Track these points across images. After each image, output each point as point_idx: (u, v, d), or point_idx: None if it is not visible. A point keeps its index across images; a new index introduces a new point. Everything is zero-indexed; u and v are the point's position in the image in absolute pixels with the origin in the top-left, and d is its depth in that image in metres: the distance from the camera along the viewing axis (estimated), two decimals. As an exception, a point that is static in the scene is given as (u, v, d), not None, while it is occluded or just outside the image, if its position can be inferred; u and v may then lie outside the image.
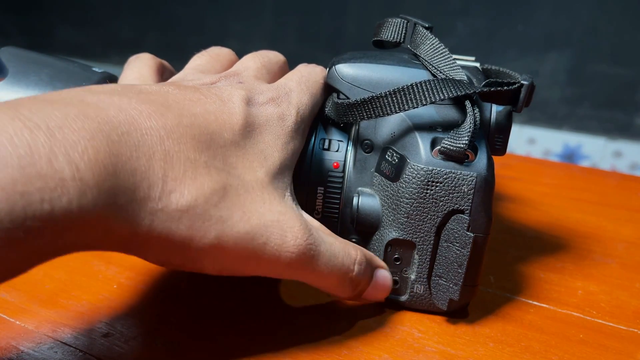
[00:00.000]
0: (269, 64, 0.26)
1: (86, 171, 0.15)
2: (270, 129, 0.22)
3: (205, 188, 0.19)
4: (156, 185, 0.17)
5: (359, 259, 0.23)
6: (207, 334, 0.23)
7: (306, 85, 0.25)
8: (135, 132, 0.17)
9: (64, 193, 0.15)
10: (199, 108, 0.20)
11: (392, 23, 0.27)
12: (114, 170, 0.16)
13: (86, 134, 0.16)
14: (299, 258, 0.21)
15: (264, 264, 0.20)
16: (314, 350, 0.22)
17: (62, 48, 1.55)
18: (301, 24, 1.27)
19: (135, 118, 0.18)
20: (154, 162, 0.17)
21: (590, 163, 1.10)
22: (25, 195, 0.14)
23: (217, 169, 0.19)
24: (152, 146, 0.18)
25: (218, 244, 0.19)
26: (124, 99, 0.18)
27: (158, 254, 0.19)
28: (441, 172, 0.23)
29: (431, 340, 0.24)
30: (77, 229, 0.16)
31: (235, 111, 0.21)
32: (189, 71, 0.25)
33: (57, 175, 0.15)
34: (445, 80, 0.22)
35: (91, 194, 0.15)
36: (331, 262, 0.22)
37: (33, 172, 0.14)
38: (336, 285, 0.23)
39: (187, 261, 0.19)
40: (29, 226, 0.14)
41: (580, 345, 0.24)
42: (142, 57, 0.27)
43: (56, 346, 0.22)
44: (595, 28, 1.02)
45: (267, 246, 0.20)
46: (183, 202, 0.18)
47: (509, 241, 0.34)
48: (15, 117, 0.15)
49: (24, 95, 0.25)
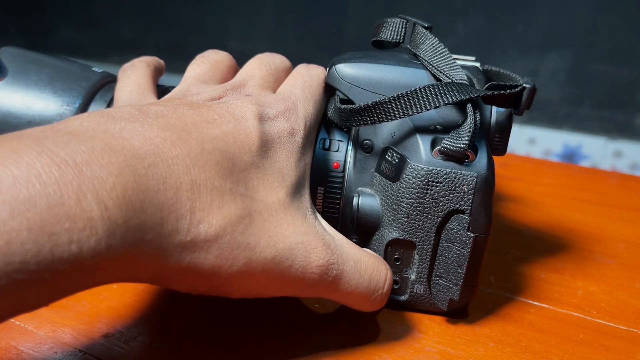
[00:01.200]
0: (275, 71, 0.26)
1: (114, 209, 0.15)
2: (282, 146, 0.22)
3: (232, 216, 0.18)
4: (184, 218, 0.17)
5: (389, 276, 0.23)
6: (207, 334, 0.23)
7: (310, 92, 0.24)
8: (161, 162, 0.17)
9: (92, 234, 0.14)
10: (217, 130, 0.20)
11: (392, 23, 0.27)
12: (142, 206, 0.16)
13: (114, 170, 0.15)
14: (322, 278, 0.21)
15: (289, 285, 0.20)
16: (314, 351, 0.22)
17: (62, 48, 1.55)
18: (301, 24, 1.27)
19: (160, 147, 0.17)
20: (181, 193, 0.17)
21: (590, 163, 1.10)
22: (53, 236, 0.14)
23: (242, 195, 0.19)
24: (179, 177, 0.17)
25: (246, 270, 0.19)
26: (145, 127, 0.18)
27: (186, 284, 0.19)
28: (441, 172, 0.23)
29: (431, 341, 0.24)
30: (105, 267, 0.15)
31: (251, 130, 0.21)
32: (191, 81, 0.25)
33: (85, 215, 0.14)
34: (448, 85, 0.22)
35: (119, 233, 0.15)
36: (355, 279, 0.21)
37: (61, 212, 0.14)
38: (364, 302, 0.22)
39: (215, 288, 0.19)
40: (56, 268, 0.14)
41: (580, 345, 0.24)
42: (137, 65, 0.27)
43: (56, 346, 0.22)
44: (595, 28, 1.02)
45: (291, 269, 0.20)
46: (211, 233, 0.18)
47: (509, 241, 0.34)
48: (42, 151, 0.14)
49: (24, 95, 0.25)
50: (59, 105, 0.25)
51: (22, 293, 0.14)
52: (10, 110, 0.25)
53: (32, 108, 0.25)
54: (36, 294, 0.14)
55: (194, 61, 0.26)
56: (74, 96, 0.26)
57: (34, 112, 0.25)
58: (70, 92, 0.26)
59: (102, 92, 0.27)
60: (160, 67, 0.28)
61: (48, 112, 0.25)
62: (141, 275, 0.17)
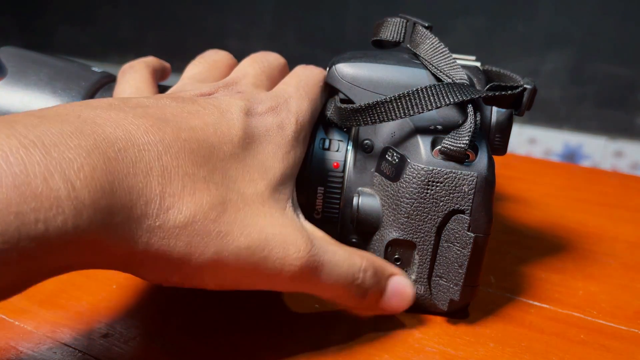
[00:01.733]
0: (268, 69, 0.25)
1: (82, 190, 0.15)
2: (270, 139, 0.21)
3: (204, 203, 0.18)
4: (153, 202, 0.17)
5: (364, 267, 0.22)
6: (207, 334, 0.23)
7: (305, 91, 0.24)
8: (132, 148, 0.17)
9: (59, 213, 0.14)
10: (197, 121, 0.20)
11: (392, 22, 0.27)
12: (111, 188, 0.16)
13: (82, 152, 0.16)
14: (302, 270, 0.20)
15: (266, 277, 0.20)
16: (314, 351, 0.22)
17: (62, 48, 1.55)
18: (301, 24, 1.27)
19: (133, 133, 0.17)
20: (151, 178, 0.17)
21: (591, 163, 1.10)
22: (19, 215, 0.14)
23: (216, 184, 0.19)
24: (150, 162, 0.17)
25: (218, 259, 0.19)
26: (120, 114, 0.18)
27: (156, 272, 0.19)
28: (441, 172, 0.23)
29: (431, 341, 0.24)
30: (72, 249, 0.15)
31: (234, 123, 0.21)
32: (187, 81, 0.25)
33: (52, 194, 0.14)
34: (450, 85, 0.22)
35: (87, 214, 0.15)
36: (335, 272, 0.21)
37: (28, 192, 0.14)
38: (343, 295, 0.22)
39: (186, 278, 0.19)
40: (23, 247, 0.14)
41: (581, 345, 0.24)
42: (136, 67, 0.26)
43: (55, 347, 0.22)
44: (596, 28, 1.02)
45: (268, 260, 0.20)
46: (181, 219, 0.18)
47: (510, 241, 0.34)
48: (11, 134, 0.15)
49: (24, 95, 0.25)
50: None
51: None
52: (9, 110, 0.25)
53: (31, 108, 0.25)
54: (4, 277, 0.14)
55: (193, 61, 0.26)
56: (73, 96, 0.26)
57: (34, 112, 0.25)
58: (69, 91, 0.26)
59: (102, 91, 0.27)
60: (162, 68, 0.28)
61: (47, 112, 0.25)
62: (111, 261, 0.17)
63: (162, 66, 0.28)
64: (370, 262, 0.23)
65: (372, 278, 0.22)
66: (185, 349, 0.22)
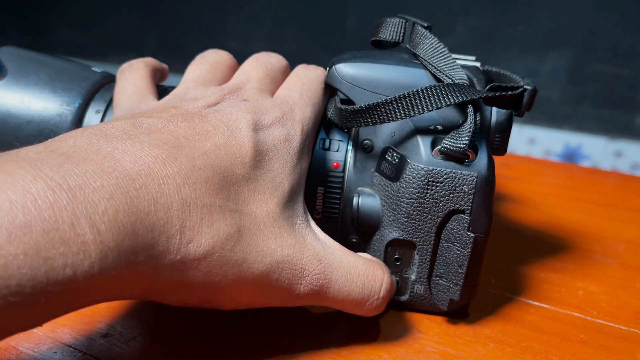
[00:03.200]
0: (272, 72, 0.25)
1: (107, 233, 0.15)
2: (277, 154, 0.22)
3: (222, 234, 0.19)
4: (174, 238, 0.17)
5: (385, 280, 0.22)
6: (207, 334, 0.23)
7: (308, 96, 0.24)
8: (152, 182, 0.17)
9: (86, 257, 0.15)
10: (208, 144, 0.20)
11: (391, 23, 0.27)
12: (133, 228, 0.16)
13: (105, 193, 0.16)
14: (308, 289, 0.21)
15: (278, 297, 0.21)
16: (314, 351, 0.22)
17: (62, 48, 1.55)
18: (301, 24, 1.27)
19: (151, 167, 0.17)
20: (171, 213, 0.17)
21: (590, 163, 1.10)
22: (48, 260, 0.14)
23: (231, 211, 0.19)
24: (170, 196, 0.17)
25: (235, 285, 0.19)
26: (137, 145, 0.18)
27: (175, 299, 0.19)
28: (441, 172, 0.23)
29: (431, 341, 0.24)
30: (96, 288, 0.16)
31: (244, 141, 0.21)
32: (190, 84, 0.25)
33: (79, 239, 0.15)
34: (450, 86, 0.22)
35: (112, 256, 0.15)
36: (347, 287, 0.22)
37: (56, 237, 0.14)
38: (358, 307, 0.22)
39: (205, 302, 0.20)
40: (51, 291, 0.14)
41: (580, 345, 0.24)
42: (135, 65, 0.26)
43: (55, 347, 0.22)
44: (596, 28, 1.02)
45: (279, 282, 0.20)
46: (200, 252, 0.18)
47: (509, 241, 0.34)
48: (37, 175, 0.15)
49: (24, 95, 0.25)
50: (58, 105, 0.25)
51: (16, 315, 0.14)
52: (10, 110, 0.25)
53: (31, 108, 0.25)
54: (30, 316, 0.14)
55: (194, 62, 0.26)
56: (73, 96, 0.26)
57: (34, 111, 0.25)
58: (69, 91, 0.26)
59: (102, 91, 0.27)
60: (161, 69, 0.28)
61: (48, 112, 0.25)
62: (132, 293, 0.18)
63: (160, 67, 0.28)
64: (388, 274, 0.23)
65: (389, 292, 0.23)
66: (185, 349, 0.22)
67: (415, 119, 0.24)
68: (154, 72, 0.27)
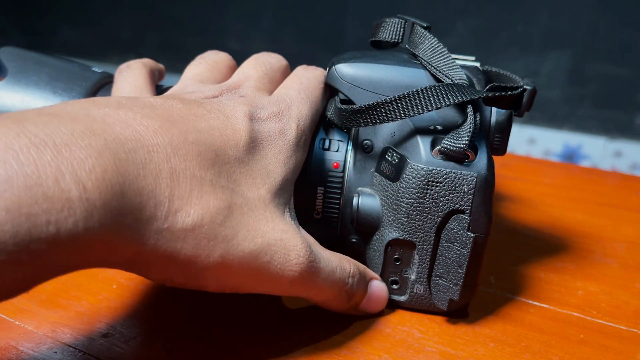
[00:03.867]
0: (270, 71, 0.26)
1: (93, 191, 0.15)
2: (272, 144, 0.22)
3: (211, 207, 0.18)
4: (162, 205, 0.17)
5: (352, 272, 0.23)
6: (206, 334, 0.23)
7: (306, 94, 0.24)
8: (142, 149, 0.17)
9: (70, 214, 0.14)
10: (203, 124, 0.20)
11: (390, 23, 0.27)
12: (121, 189, 0.16)
13: (93, 152, 0.15)
14: (301, 275, 0.21)
15: (267, 282, 0.21)
16: (313, 351, 0.22)
17: (62, 48, 1.55)
18: (301, 24, 1.27)
19: (142, 134, 0.17)
20: (160, 180, 0.17)
21: (590, 163, 1.10)
22: (30, 217, 0.14)
23: (222, 187, 0.19)
24: (159, 164, 0.17)
25: (222, 262, 0.19)
26: (129, 113, 0.18)
27: (161, 273, 0.19)
28: (441, 172, 0.23)
29: (431, 341, 0.24)
30: (82, 249, 0.15)
31: (239, 127, 0.21)
32: (188, 82, 0.25)
33: (63, 195, 0.14)
34: (450, 86, 0.22)
35: (97, 215, 0.15)
36: (330, 277, 0.22)
37: (39, 193, 0.14)
38: (332, 299, 0.23)
39: (190, 279, 0.19)
40: (34, 248, 0.14)
41: (580, 345, 0.24)
42: (133, 66, 0.26)
43: (56, 346, 0.22)
44: (595, 28, 1.02)
45: (270, 265, 0.20)
46: (189, 222, 0.18)
47: (509, 241, 0.34)
48: (21, 132, 0.14)
49: (24, 95, 0.25)
50: (58, 105, 0.25)
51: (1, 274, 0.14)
52: (10, 110, 0.25)
53: (32, 108, 0.25)
54: (14, 277, 0.14)
55: (193, 62, 0.26)
56: (73, 96, 0.26)
57: (34, 112, 0.25)
58: (70, 91, 0.26)
59: (102, 91, 0.27)
60: (158, 69, 0.28)
61: (48, 112, 0.25)
62: (117, 260, 0.17)
63: (158, 68, 0.28)
64: (356, 267, 0.24)
65: (359, 283, 0.24)
66: (185, 349, 0.22)
67: (415, 119, 0.24)
68: (152, 72, 0.27)
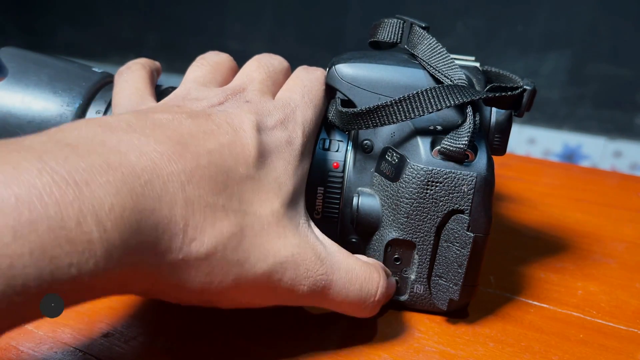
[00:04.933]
0: (273, 74, 0.25)
1: (113, 231, 0.15)
2: (280, 155, 0.22)
3: (224, 233, 0.19)
4: (177, 237, 0.17)
5: (382, 283, 0.23)
6: (207, 334, 0.23)
7: (309, 98, 0.24)
8: (157, 179, 0.17)
9: (91, 256, 0.14)
10: (213, 142, 0.20)
11: (389, 24, 0.27)
12: (138, 226, 0.16)
13: (112, 189, 0.15)
14: (310, 290, 0.21)
15: (279, 297, 0.21)
16: (313, 351, 0.22)
17: (62, 48, 1.55)
18: (301, 24, 1.27)
19: (157, 162, 0.17)
20: (175, 211, 0.17)
21: (590, 163, 1.10)
22: (53, 260, 0.14)
23: (235, 211, 0.19)
24: (174, 194, 0.17)
25: (236, 285, 0.19)
26: (142, 139, 0.18)
27: (174, 298, 0.19)
28: (441, 172, 0.23)
29: (431, 340, 0.24)
30: (100, 285, 0.15)
31: (248, 142, 0.21)
32: (190, 85, 0.24)
33: (85, 237, 0.14)
34: (450, 87, 0.22)
35: (117, 255, 0.15)
36: (346, 289, 0.22)
37: (62, 235, 0.14)
38: (356, 309, 0.23)
39: (204, 301, 0.20)
40: (55, 288, 0.14)
41: (580, 345, 0.24)
42: (132, 67, 0.26)
43: (56, 346, 0.22)
44: (595, 28, 1.02)
45: (281, 282, 0.20)
46: (203, 251, 0.18)
47: (509, 241, 0.34)
48: (43, 169, 0.14)
49: (24, 96, 0.25)
50: (59, 106, 0.26)
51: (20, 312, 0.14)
52: (10, 111, 0.25)
53: (32, 108, 0.25)
54: (33, 313, 0.14)
55: (194, 63, 0.26)
56: (74, 96, 0.26)
57: (34, 112, 0.25)
58: (70, 92, 0.26)
59: (102, 92, 0.27)
60: (156, 69, 0.28)
61: (48, 112, 0.25)
62: (133, 290, 0.18)
63: (156, 67, 0.28)
64: (385, 277, 0.23)
65: (385, 295, 0.23)
66: (185, 348, 0.22)
67: (415, 120, 0.24)
68: (152, 73, 0.27)
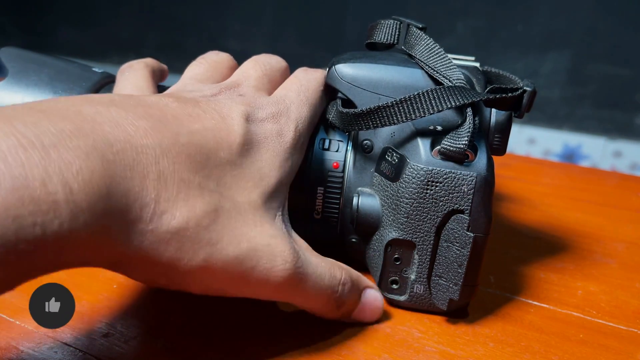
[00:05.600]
0: (270, 72, 0.25)
1: (79, 193, 0.15)
2: (268, 146, 0.22)
3: (197, 210, 0.18)
4: (148, 207, 0.17)
5: (343, 280, 0.23)
6: (206, 334, 0.23)
7: (305, 96, 0.24)
8: (130, 150, 0.17)
9: (56, 216, 0.14)
10: (197, 125, 0.20)
11: (385, 25, 0.27)
12: (107, 191, 0.16)
13: (81, 153, 0.15)
14: (287, 281, 0.21)
15: (251, 286, 0.20)
16: (313, 351, 0.22)
17: (62, 48, 1.55)
18: (301, 24, 1.27)
19: (132, 134, 0.17)
20: (147, 182, 0.17)
21: (590, 163, 1.10)
22: (17, 219, 0.14)
23: (211, 191, 0.19)
24: (147, 166, 0.17)
25: (205, 266, 0.19)
26: (121, 112, 0.18)
27: (143, 274, 0.19)
28: (441, 172, 0.23)
29: (431, 340, 0.24)
30: (66, 250, 0.15)
31: (234, 128, 0.21)
32: (188, 81, 0.25)
33: (50, 197, 0.14)
34: (451, 89, 0.22)
35: (83, 217, 0.15)
36: (318, 284, 0.22)
37: (26, 195, 0.14)
38: (321, 306, 0.23)
39: (173, 281, 0.19)
40: (20, 249, 0.14)
41: (580, 345, 0.24)
42: (135, 66, 0.26)
43: (56, 346, 0.22)
44: (595, 28, 1.02)
45: (255, 270, 0.20)
46: (174, 224, 0.18)
47: (509, 241, 0.34)
48: (10, 132, 0.14)
49: (24, 96, 0.25)
50: (59, 105, 0.25)
51: None
52: (10, 110, 0.25)
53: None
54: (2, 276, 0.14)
55: (194, 62, 0.26)
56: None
57: (34, 112, 0.25)
58: (70, 92, 0.26)
59: (103, 92, 0.27)
60: (160, 69, 0.28)
61: (48, 112, 0.25)
62: (101, 260, 0.17)
63: (160, 68, 0.28)
64: (348, 274, 0.23)
65: (350, 291, 0.23)
66: (185, 348, 0.22)
67: (415, 120, 0.24)
68: (154, 72, 0.27)
